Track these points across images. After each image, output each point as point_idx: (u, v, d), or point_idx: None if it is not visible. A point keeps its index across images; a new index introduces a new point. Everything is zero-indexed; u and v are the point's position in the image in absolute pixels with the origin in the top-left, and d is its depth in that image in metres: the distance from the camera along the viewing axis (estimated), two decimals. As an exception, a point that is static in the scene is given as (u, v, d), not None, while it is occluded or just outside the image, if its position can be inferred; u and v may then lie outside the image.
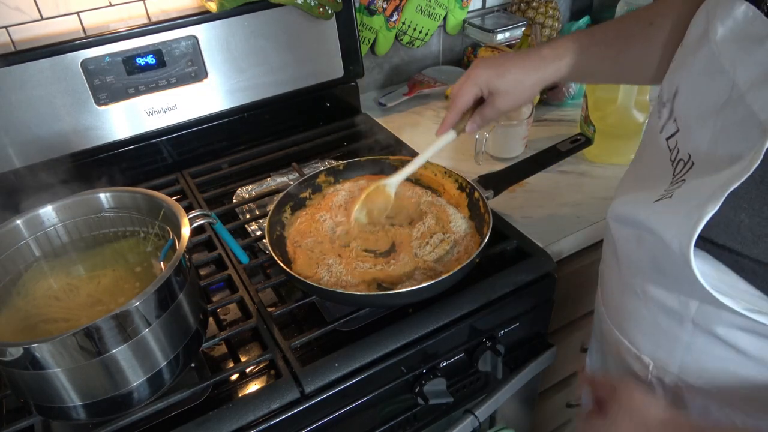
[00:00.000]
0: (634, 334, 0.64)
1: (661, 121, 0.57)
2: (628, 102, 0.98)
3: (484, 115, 0.75)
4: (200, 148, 1.08)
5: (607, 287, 0.71)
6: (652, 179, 0.56)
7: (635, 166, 0.66)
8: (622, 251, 0.63)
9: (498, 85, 0.72)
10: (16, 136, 0.91)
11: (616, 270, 0.66)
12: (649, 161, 0.60)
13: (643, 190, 0.56)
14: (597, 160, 1.04)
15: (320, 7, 1.04)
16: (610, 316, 0.69)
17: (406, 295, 0.70)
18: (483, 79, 0.73)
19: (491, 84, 0.72)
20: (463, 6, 1.31)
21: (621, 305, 0.66)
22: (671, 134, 0.55)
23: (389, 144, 1.11)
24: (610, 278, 0.69)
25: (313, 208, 0.87)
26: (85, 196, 0.71)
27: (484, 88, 0.73)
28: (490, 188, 0.86)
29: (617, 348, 0.68)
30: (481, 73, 0.73)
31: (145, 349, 0.60)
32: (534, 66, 0.72)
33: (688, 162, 0.51)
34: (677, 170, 0.53)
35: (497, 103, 0.73)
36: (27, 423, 0.64)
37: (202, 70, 1.01)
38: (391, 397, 0.75)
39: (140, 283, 0.68)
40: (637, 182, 0.61)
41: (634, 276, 0.61)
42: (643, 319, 0.61)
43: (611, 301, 0.69)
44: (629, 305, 0.64)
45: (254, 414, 0.64)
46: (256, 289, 0.79)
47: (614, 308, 0.68)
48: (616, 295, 0.67)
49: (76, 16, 0.97)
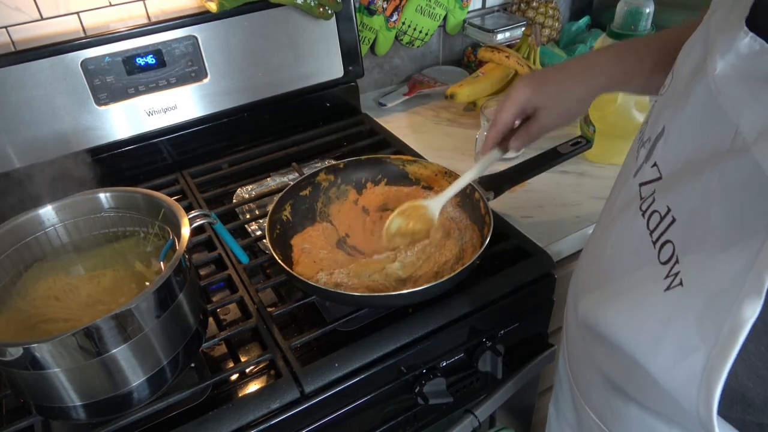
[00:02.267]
0: (615, 428, 0.55)
1: (637, 163, 0.50)
2: (628, 102, 0.98)
3: (529, 131, 0.73)
4: (200, 148, 1.08)
5: (576, 363, 0.62)
6: (628, 253, 0.48)
7: (601, 232, 0.57)
8: (601, 354, 0.54)
9: (539, 100, 0.69)
10: (16, 136, 0.91)
11: (590, 359, 0.57)
12: (621, 220, 0.51)
13: (618, 278, 0.48)
14: (597, 160, 1.05)
15: (320, 7, 1.04)
16: (584, 396, 0.60)
17: (406, 296, 0.70)
18: (524, 97, 0.70)
19: (532, 100, 0.69)
20: (463, 6, 1.31)
21: (598, 394, 0.57)
22: (648, 180, 0.47)
23: (389, 144, 1.11)
24: (580, 360, 0.60)
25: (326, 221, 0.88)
26: (85, 196, 0.71)
27: (527, 106, 0.70)
28: (491, 189, 0.86)
29: (587, 422, 0.60)
30: (522, 90, 0.70)
31: (145, 349, 0.60)
32: (579, 75, 0.67)
33: (665, 216, 0.43)
34: (652, 226, 0.44)
35: (541, 119, 0.70)
36: (27, 423, 0.64)
37: (202, 70, 1.01)
38: (391, 397, 0.75)
39: (140, 283, 0.68)
40: (605, 264, 0.52)
41: (620, 388, 0.52)
42: (627, 415, 0.52)
43: (585, 383, 0.60)
44: (608, 398, 0.55)
45: (254, 414, 0.64)
46: (256, 289, 0.79)
47: (590, 393, 0.59)
48: (592, 381, 0.57)
49: (76, 16, 0.97)
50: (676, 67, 0.49)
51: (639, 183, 0.48)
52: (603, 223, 0.56)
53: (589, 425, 0.60)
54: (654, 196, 0.45)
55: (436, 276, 0.75)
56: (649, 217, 0.45)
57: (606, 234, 0.53)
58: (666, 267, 0.41)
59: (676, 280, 0.40)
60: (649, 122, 0.50)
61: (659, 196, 0.45)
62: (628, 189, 0.50)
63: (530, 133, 0.73)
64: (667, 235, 0.42)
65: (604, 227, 0.54)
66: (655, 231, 0.44)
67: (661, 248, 0.42)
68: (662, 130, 0.46)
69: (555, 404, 0.75)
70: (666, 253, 0.42)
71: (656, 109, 0.50)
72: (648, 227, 0.45)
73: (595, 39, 1.19)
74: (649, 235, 0.44)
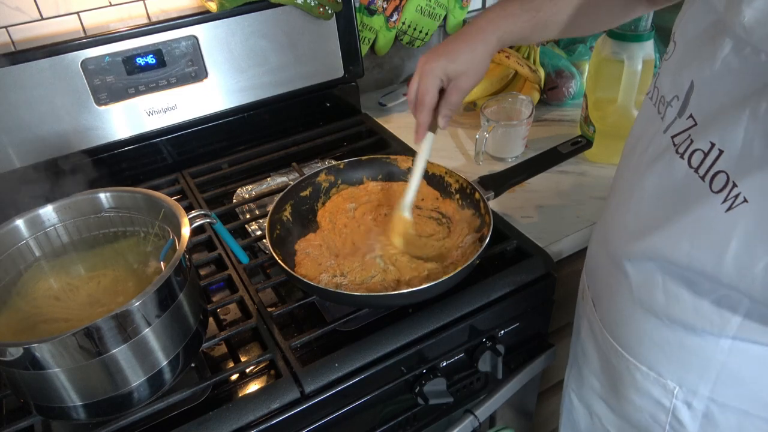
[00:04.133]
0: (654, 358, 0.59)
1: (666, 121, 0.53)
2: (628, 102, 0.98)
3: (450, 102, 0.75)
4: (200, 148, 1.08)
5: (606, 303, 0.66)
6: (672, 193, 0.51)
7: (624, 189, 0.61)
8: (642, 283, 0.58)
9: (455, 69, 0.72)
10: (16, 136, 0.91)
11: (627, 294, 0.60)
12: (656, 168, 0.54)
13: (673, 215, 0.51)
14: (597, 160, 1.05)
15: (320, 7, 1.04)
16: (614, 334, 0.65)
17: (406, 296, 0.70)
18: (439, 70, 0.72)
19: (448, 70, 0.72)
20: (463, 6, 1.31)
21: (631, 326, 0.61)
22: (682, 130, 0.50)
23: (389, 144, 1.11)
24: (611, 296, 0.64)
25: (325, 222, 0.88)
26: (85, 196, 0.71)
27: (443, 77, 0.73)
28: (491, 189, 0.86)
29: (629, 372, 0.63)
30: (435, 65, 0.72)
31: (145, 349, 0.60)
32: (478, 40, 0.73)
33: (710, 151, 0.46)
34: (695, 163, 0.48)
35: (460, 85, 0.73)
36: (27, 423, 0.64)
37: (202, 70, 1.01)
38: (391, 397, 0.75)
39: (140, 283, 0.68)
40: (645, 208, 0.56)
41: (656, 304, 0.57)
42: (666, 342, 0.57)
43: (615, 320, 0.64)
44: (645, 326, 0.59)
45: (254, 414, 0.64)
46: (256, 289, 0.79)
47: (620, 328, 0.63)
48: (625, 314, 0.62)
49: (76, 16, 0.97)
50: (677, 35, 0.54)
51: (671, 136, 0.52)
52: (631, 176, 0.59)
53: (625, 376, 0.64)
54: (691, 138, 0.49)
55: (433, 276, 0.75)
56: (690, 157, 0.49)
57: (641, 183, 0.56)
58: (721, 194, 0.46)
59: (738, 199, 0.44)
60: (666, 84, 0.54)
61: (698, 137, 0.48)
62: (658, 142, 0.54)
63: (453, 104, 0.75)
64: (718, 167, 0.46)
65: (636, 178, 0.57)
66: (701, 167, 0.47)
67: (713, 179, 0.46)
68: (691, 85, 0.50)
69: (576, 378, 0.78)
70: (719, 183, 0.46)
71: (670, 70, 0.54)
72: (690, 165, 0.48)
73: (595, 39, 1.19)
74: (693, 171, 0.48)
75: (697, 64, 0.49)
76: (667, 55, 0.55)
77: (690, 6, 0.53)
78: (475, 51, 0.73)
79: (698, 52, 0.50)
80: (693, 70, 0.50)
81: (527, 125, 1.04)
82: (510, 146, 1.06)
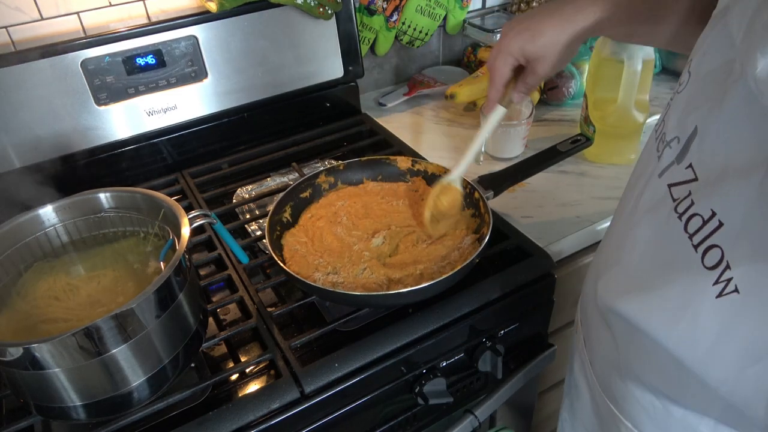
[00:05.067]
0: (639, 419, 0.55)
1: (662, 163, 0.48)
2: (628, 102, 0.98)
3: (526, 83, 0.71)
4: (200, 148, 1.08)
5: (595, 349, 0.61)
6: (663, 256, 0.46)
7: (618, 231, 0.56)
8: (628, 348, 0.53)
9: (532, 51, 0.67)
10: (16, 136, 0.91)
11: (614, 353, 0.56)
12: (652, 221, 0.49)
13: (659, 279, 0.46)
14: (597, 160, 1.05)
15: (320, 7, 1.04)
16: (602, 384, 0.60)
17: (406, 295, 0.70)
18: (516, 48, 0.67)
19: (526, 50, 0.67)
20: (463, 6, 1.31)
21: (617, 382, 0.57)
22: (680, 182, 0.44)
23: (389, 144, 1.11)
24: (600, 345, 0.59)
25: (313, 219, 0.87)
26: (85, 196, 0.71)
27: (519, 57, 0.68)
28: (490, 189, 0.86)
29: (616, 425, 0.59)
30: (513, 42, 0.67)
31: (145, 349, 0.60)
32: (571, 19, 0.64)
33: (709, 220, 0.40)
34: (692, 229, 0.42)
35: (537, 69, 0.68)
36: (27, 423, 0.64)
37: (202, 70, 1.01)
38: (391, 397, 0.75)
39: (140, 283, 0.68)
40: (634, 264, 0.51)
41: (642, 372, 0.52)
42: (651, 406, 0.53)
43: (603, 370, 0.60)
44: (630, 386, 0.55)
45: (254, 414, 0.64)
46: (256, 289, 0.79)
47: (608, 379, 0.59)
48: (612, 368, 0.58)
49: (76, 16, 0.97)
50: (692, 65, 0.48)
51: (667, 183, 0.46)
52: (626, 221, 0.54)
53: (612, 427, 0.60)
54: (691, 198, 0.43)
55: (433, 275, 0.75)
56: (687, 221, 0.43)
57: (634, 233, 0.52)
58: (714, 272, 0.40)
59: (730, 286, 0.39)
60: (672, 121, 0.48)
61: (699, 198, 0.42)
62: (654, 189, 0.48)
63: (529, 85, 0.72)
64: (713, 240, 0.40)
65: (630, 225, 0.53)
66: (696, 235, 0.42)
67: (705, 253, 0.41)
68: (695, 131, 0.44)
69: (569, 410, 0.75)
70: (713, 258, 0.40)
71: (679, 107, 0.48)
72: (686, 230, 0.43)
73: (595, 39, 1.19)
74: (688, 238, 0.42)
75: (706, 109, 0.43)
76: (680, 87, 0.48)
77: (710, 30, 0.46)
78: (563, 32, 0.65)
79: (709, 94, 0.43)
80: (700, 114, 0.44)
81: (527, 125, 1.04)
82: (510, 146, 1.06)
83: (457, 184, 0.81)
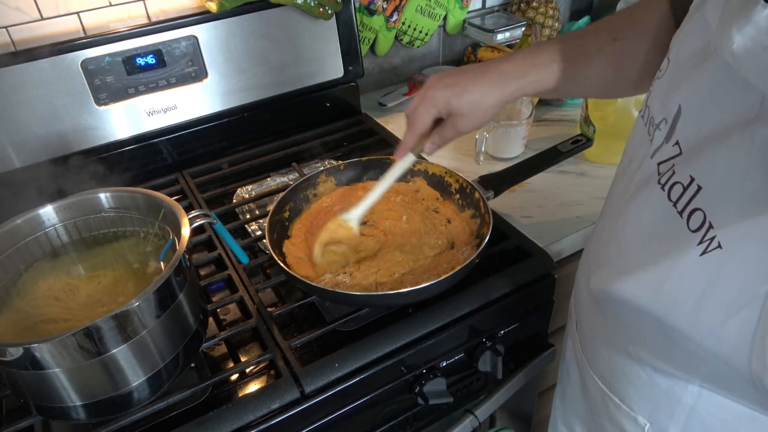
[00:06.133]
0: (625, 392, 0.57)
1: (654, 145, 0.50)
2: (628, 102, 0.98)
3: (443, 135, 0.72)
4: (200, 148, 1.09)
5: (585, 330, 0.64)
6: (650, 227, 0.49)
7: (610, 219, 0.57)
8: (617, 323, 0.56)
9: (457, 107, 0.68)
10: (16, 136, 0.91)
11: (602, 328, 0.59)
12: (639, 197, 0.51)
13: (650, 257, 0.48)
14: (597, 160, 1.05)
15: (320, 7, 1.04)
16: (591, 363, 0.63)
17: (406, 295, 0.70)
18: (441, 101, 0.69)
19: (450, 105, 0.68)
20: (463, 6, 1.31)
21: (605, 358, 0.59)
22: (668, 158, 0.47)
23: (389, 144, 1.11)
24: (590, 325, 0.62)
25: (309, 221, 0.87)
26: (85, 196, 0.71)
27: (442, 110, 0.69)
28: (491, 189, 0.86)
29: (603, 402, 0.61)
30: (439, 94, 0.69)
31: (145, 349, 0.60)
32: (496, 84, 0.67)
33: (689, 185, 0.44)
34: (674, 197, 0.45)
35: (458, 125, 0.70)
36: (27, 423, 0.64)
37: (202, 70, 1.01)
38: (391, 397, 0.75)
39: (140, 283, 0.68)
40: (625, 239, 0.53)
41: (629, 344, 0.54)
42: (637, 378, 0.55)
43: (592, 349, 0.62)
44: (619, 363, 0.57)
45: (254, 414, 0.64)
46: (256, 289, 0.79)
47: (596, 358, 0.62)
48: (600, 345, 0.60)
49: (76, 16, 0.97)
50: (671, 52, 0.51)
51: (657, 162, 0.49)
52: (617, 203, 0.56)
53: (600, 405, 0.61)
54: (673, 169, 0.46)
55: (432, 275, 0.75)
56: (669, 189, 0.46)
57: (625, 212, 0.54)
58: (698, 234, 0.42)
59: (713, 243, 0.41)
60: (656, 104, 0.51)
61: (679, 168, 0.45)
62: (645, 168, 0.51)
63: (445, 138, 0.72)
64: (695, 204, 0.43)
65: (622, 206, 0.55)
66: (679, 201, 0.45)
67: (690, 217, 0.43)
68: (679, 109, 0.47)
69: (561, 397, 0.76)
70: (696, 221, 0.43)
71: (662, 90, 0.51)
72: (670, 198, 0.45)
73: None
74: (672, 206, 0.45)
75: (686, 88, 0.47)
76: (660, 73, 0.52)
77: (688, 20, 0.50)
78: (487, 96, 0.67)
79: (688, 75, 0.47)
80: (681, 93, 0.47)
81: (527, 125, 1.04)
82: (510, 146, 1.06)
83: (353, 224, 0.78)
